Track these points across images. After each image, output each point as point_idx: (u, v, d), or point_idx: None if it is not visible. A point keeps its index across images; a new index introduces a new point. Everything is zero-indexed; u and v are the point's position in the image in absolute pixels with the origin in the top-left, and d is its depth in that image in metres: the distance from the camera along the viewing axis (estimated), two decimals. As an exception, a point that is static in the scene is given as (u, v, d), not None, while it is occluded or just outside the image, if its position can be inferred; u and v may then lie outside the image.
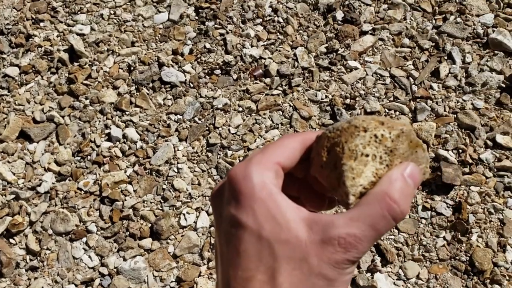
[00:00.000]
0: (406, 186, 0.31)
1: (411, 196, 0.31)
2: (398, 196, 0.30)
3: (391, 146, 0.33)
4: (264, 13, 1.34)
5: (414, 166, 0.33)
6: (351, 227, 0.30)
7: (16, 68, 1.32)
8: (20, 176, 1.18)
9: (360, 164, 0.33)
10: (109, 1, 1.41)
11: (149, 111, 1.23)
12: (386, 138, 0.33)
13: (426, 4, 1.34)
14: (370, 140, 0.33)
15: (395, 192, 0.31)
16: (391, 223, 0.30)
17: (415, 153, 0.34)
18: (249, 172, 0.33)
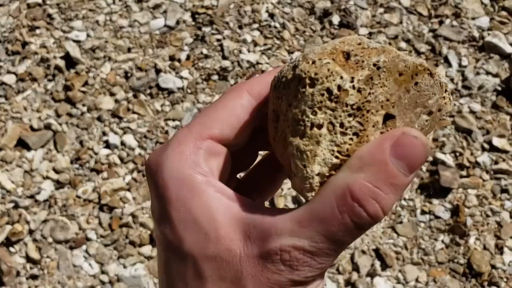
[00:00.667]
0: (386, 173, 0.21)
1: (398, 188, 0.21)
2: (365, 192, 0.21)
3: (358, 100, 0.23)
4: (260, 18, 1.37)
5: (405, 133, 0.22)
6: (298, 236, 0.21)
7: (13, 76, 1.34)
8: (19, 184, 1.20)
9: (311, 141, 0.23)
10: (105, 7, 1.43)
11: (147, 118, 1.25)
12: (346, 91, 0.23)
13: (422, 7, 1.37)
14: (321, 99, 0.23)
15: (360, 186, 0.21)
16: (357, 233, 0.22)
17: (414, 87, 0.24)
18: (163, 159, 0.24)
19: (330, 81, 0.23)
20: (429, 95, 0.24)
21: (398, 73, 0.23)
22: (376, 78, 0.23)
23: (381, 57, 0.23)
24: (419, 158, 0.22)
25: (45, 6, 1.45)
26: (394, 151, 0.21)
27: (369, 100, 0.23)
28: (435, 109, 0.25)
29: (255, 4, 1.40)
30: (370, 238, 1.09)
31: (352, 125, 0.23)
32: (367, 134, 0.23)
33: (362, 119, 0.23)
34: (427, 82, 0.24)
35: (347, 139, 0.23)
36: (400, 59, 0.23)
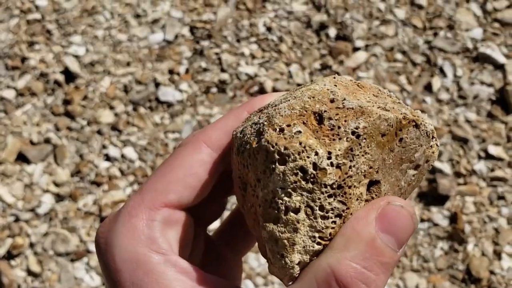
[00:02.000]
0: (374, 250, 0.19)
1: (388, 268, 0.19)
2: (352, 275, 0.19)
3: (339, 178, 0.20)
4: (258, 32, 1.44)
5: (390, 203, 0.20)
6: None
7: (12, 91, 1.40)
8: (19, 198, 1.25)
9: (287, 228, 0.21)
10: (104, 22, 1.49)
11: (147, 130, 1.31)
12: (324, 170, 0.20)
13: (416, 20, 1.45)
14: (295, 179, 0.20)
15: (346, 268, 0.19)
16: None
17: (399, 143, 0.22)
18: (113, 237, 0.22)
19: (303, 158, 0.20)
20: (415, 148, 0.22)
21: (380, 135, 0.21)
22: (356, 148, 0.21)
23: (360, 123, 0.21)
24: (407, 230, 0.20)
25: (44, 22, 1.52)
26: (380, 225, 0.19)
27: (350, 175, 0.21)
28: (422, 161, 0.23)
29: (252, 18, 1.47)
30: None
31: (334, 207, 0.20)
32: (351, 212, 0.21)
33: (344, 197, 0.21)
34: (413, 135, 0.22)
35: (330, 222, 0.20)
36: (381, 120, 0.21)
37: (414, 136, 0.22)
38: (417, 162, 0.23)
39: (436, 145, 0.24)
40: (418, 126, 0.22)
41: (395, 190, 0.23)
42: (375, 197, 0.22)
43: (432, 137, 0.24)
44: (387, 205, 0.20)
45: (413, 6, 1.47)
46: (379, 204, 0.20)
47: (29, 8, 1.55)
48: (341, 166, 0.20)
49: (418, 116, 0.23)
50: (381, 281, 0.19)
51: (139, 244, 0.21)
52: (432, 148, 0.24)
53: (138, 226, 0.21)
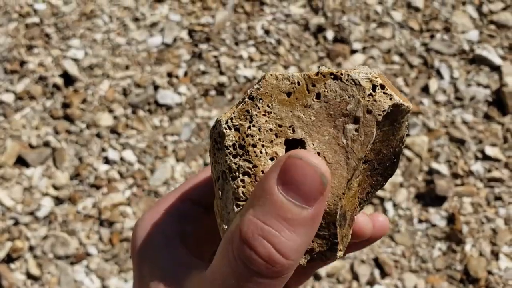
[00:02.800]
0: (273, 205, 0.18)
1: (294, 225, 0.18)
2: (252, 230, 0.18)
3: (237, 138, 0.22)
4: (256, 35, 1.44)
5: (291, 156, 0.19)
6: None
7: (11, 95, 1.40)
8: (18, 201, 1.25)
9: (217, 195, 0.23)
10: (102, 26, 1.50)
11: (146, 133, 1.31)
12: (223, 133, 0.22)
13: (413, 22, 1.45)
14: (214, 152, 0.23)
15: (247, 223, 0.18)
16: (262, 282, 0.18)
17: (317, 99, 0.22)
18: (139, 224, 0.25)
19: (214, 131, 0.22)
20: (344, 100, 0.22)
21: (284, 94, 0.22)
22: (252, 108, 0.21)
23: (254, 87, 0.22)
24: (310, 183, 0.18)
25: (42, 25, 1.52)
26: (280, 179, 0.18)
27: (250, 134, 0.21)
28: (360, 113, 0.22)
29: (250, 21, 1.48)
30: (369, 247, 1.14)
31: (239, 166, 0.21)
32: (262, 170, 0.21)
33: (248, 156, 0.21)
34: (334, 88, 0.22)
35: (239, 181, 0.21)
36: (279, 79, 0.22)
37: (337, 88, 0.22)
38: (354, 114, 0.22)
39: (384, 94, 0.22)
40: (338, 78, 0.22)
41: (334, 148, 0.22)
42: None
43: (374, 87, 0.22)
44: (287, 158, 0.19)
45: (410, 8, 1.48)
46: (281, 159, 0.20)
47: (27, 12, 1.55)
48: (239, 127, 0.22)
49: (340, 69, 0.23)
50: (289, 238, 0.18)
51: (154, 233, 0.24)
52: (374, 97, 0.22)
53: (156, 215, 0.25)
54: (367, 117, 0.22)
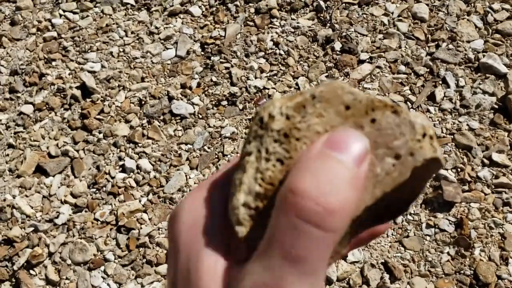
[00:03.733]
0: (328, 165, 0.19)
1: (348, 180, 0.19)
2: (308, 183, 0.19)
3: (285, 126, 0.22)
4: (266, 46, 1.48)
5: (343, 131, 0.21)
6: (257, 271, 0.19)
7: (30, 106, 1.44)
8: (38, 209, 1.28)
9: (241, 170, 0.23)
10: (118, 39, 1.54)
11: (161, 142, 1.34)
12: (273, 117, 0.23)
13: (419, 32, 1.48)
14: (255, 128, 0.23)
15: (301, 178, 0.19)
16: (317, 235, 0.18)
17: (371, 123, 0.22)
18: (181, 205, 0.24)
19: (265, 111, 0.23)
20: (394, 134, 0.22)
21: (343, 105, 0.22)
22: (309, 106, 0.22)
23: (319, 88, 0.22)
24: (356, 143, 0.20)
25: (60, 39, 1.56)
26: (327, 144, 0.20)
27: (298, 128, 0.22)
28: (404, 152, 0.22)
29: (260, 33, 1.51)
30: (378, 252, 1.16)
31: (277, 151, 0.22)
32: (295, 163, 0.21)
33: (289, 146, 0.22)
34: (390, 120, 0.22)
35: (270, 165, 0.22)
36: (345, 92, 0.22)
37: (392, 122, 0.22)
38: (397, 151, 0.22)
39: (430, 144, 0.23)
40: (397, 113, 0.23)
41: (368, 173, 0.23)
42: None
43: (424, 134, 0.23)
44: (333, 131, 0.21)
45: (415, 19, 1.51)
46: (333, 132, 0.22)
47: (45, 26, 1.60)
48: (290, 117, 0.22)
49: (401, 107, 0.23)
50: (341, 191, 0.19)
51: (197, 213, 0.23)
52: (421, 143, 0.22)
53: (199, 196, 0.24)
54: (408, 158, 0.22)
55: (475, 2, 1.52)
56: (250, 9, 1.56)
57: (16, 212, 1.26)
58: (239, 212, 0.22)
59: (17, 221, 1.25)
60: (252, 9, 1.56)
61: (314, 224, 0.18)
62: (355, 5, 1.55)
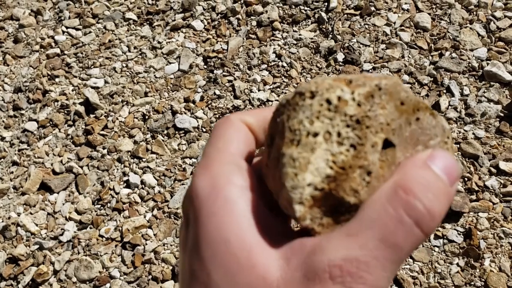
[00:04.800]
0: (434, 178, 0.21)
1: (445, 196, 0.21)
2: (418, 187, 0.21)
3: (358, 113, 0.22)
4: (268, 59, 1.48)
5: (444, 153, 0.23)
6: (349, 247, 0.20)
7: (34, 123, 1.45)
8: (42, 226, 1.28)
9: (306, 150, 0.22)
10: (121, 54, 1.55)
11: (165, 157, 1.34)
12: (345, 101, 0.22)
13: (421, 42, 1.48)
14: (320, 109, 0.23)
15: (413, 181, 0.21)
16: (415, 232, 0.20)
17: (416, 121, 0.24)
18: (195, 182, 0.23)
19: (330, 92, 0.22)
20: (431, 135, 0.24)
21: (399, 101, 0.23)
22: (377, 96, 0.23)
23: (382, 81, 0.23)
24: (454, 167, 0.22)
25: (63, 56, 1.58)
26: (430, 160, 0.22)
27: (368, 116, 0.22)
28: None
29: (262, 46, 1.52)
30: (387, 264, 1.15)
31: (350, 136, 0.22)
32: (365, 151, 0.22)
33: (361, 132, 0.22)
34: (429, 121, 0.24)
35: (344, 149, 0.22)
36: (402, 88, 0.23)
37: (431, 123, 0.24)
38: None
39: (451, 146, 0.25)
40: (434, 116, 0.25)
41: None
42: (389, 159, 0.23)
43: (448, 137, 0.25)
44: (432, 149, 0.23)
45: (418, 28, 1.51)
46: (425, 150, 0.24)
47: (48, 43, 1.61)
48: (361, 104, 0.23)
49: (435, 111, 0.25)
50: (441, 202, 0.21)
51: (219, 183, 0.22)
52: (447, 144, 0.25)
53: (214, 168, 0.23)
54: None
55: (477, 11, 1.52)
56: (252, 22, 1.57)
57: (20, 230, 1.26)
58: (304, 191, 0.22)
59: (22, 239, 1.25)
60: (254, 22, 1.57)
61: (416, 222, 0.20)
62: (357, 15, 1.55)
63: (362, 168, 0.22)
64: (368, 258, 0.20)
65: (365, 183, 0.22)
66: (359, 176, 0.22)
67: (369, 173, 0.23)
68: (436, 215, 0.21)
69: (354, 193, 0.22)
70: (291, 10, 1.58)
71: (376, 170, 0.23)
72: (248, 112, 0.27)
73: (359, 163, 0.22)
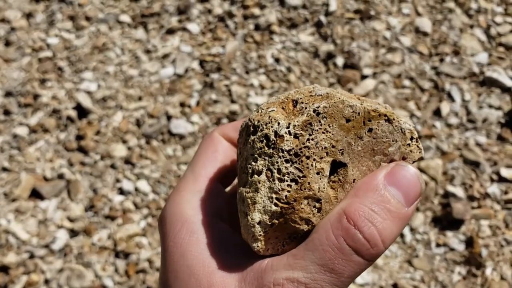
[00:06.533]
0: (381, 197, 0.22)
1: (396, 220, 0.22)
2: (360, 213, 0.21)
3: (295, 146, 0.23)
4: (266, 63, 1.49)
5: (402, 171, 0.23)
6: (292, 268, 0.22)
7: (25, 128, 1.45)
8: (33, 234, 1.28)
9: (251, 189, 0.24)
10: (115, 58, 1.56)
11: (160, 163, 1.34)
12: (281, 137, 0.23)
13: (422, 46, 1.50)
14: (261, 145, 0.24)
15: (356, 208, 0.22)
16: (355, 260, 0.22)
17: (368, 132, 0.24)
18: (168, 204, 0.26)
19: (268, 128, 0.23)
20: (388, 142, 0.24)
21: (344, 119, 0.24)
22: (315, 123, 0.23)
23: (322, 103, 0.23)
24: (413, 187, 0.22)
25: (55, 59, 1.58)
26: (388, 179, 0.22)
27: (308, 146, 0.23)
28: (397, 157, 0.25)
29: (260, 50, 1.53)
30: (387, 273, 1.16)
31: (290, 171, 0.23)
32: (309, 181, 0.23)
33: (301, 165, 0.23)
34: (385, 128, 0.24)
35: (285, 185, 0.23)
36: (345, 105, 0.24)
37: (387, 130, 0.24)
38: (392, 157, 0.25)
39: (416, 146, 0.25)
40: (390, 121, 0.25)
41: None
42: (342, 179, 0.24)
43: (411, 138, 0.25)
44: (396, 165, 0.23)
45: (418, 33, 1.53)
46: (389, 165, 0.24)
47: (40, 46, 1.62)
48: (299, 136, 0.23)
49: (393, 113, 0.25)
50: (388, 226, 0.22)
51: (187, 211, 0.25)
52: (411, 147, 0.25)
53: (185, 195, 0.26)
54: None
55: (478, 16, 1.54)
56: (250, 26, 1.58)
57: (11, 237, 1.26)
58: (255, 230, 0.23)
59: (12, 247, 1.25)
60: (251, 26, 1.58)
61: (356, 251, 0.21)
62: (357, 19, 1.57)
63: (309, 198, 0.23)
64: (308, 280, 0.21)
65: (316, 210, 0.23)
66: (308, 205, 0.23)
67: (318, 200, 0.23)
68: (377, 243, 0.21)
69: (306, 221, 0.23)
70: (289, 13, 1.60)
71: (326, 195, 0.23)
72: (232, 125, 0.29)
73: (304, 194, 0.23)
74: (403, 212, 0.22)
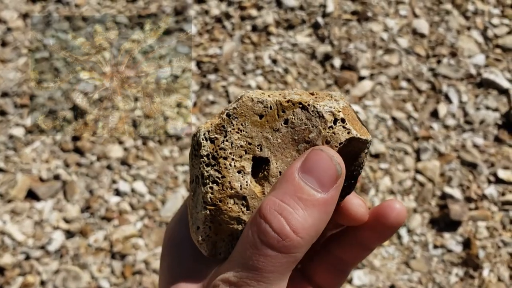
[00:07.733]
0: (292, 186, 0.22)
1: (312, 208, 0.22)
2: (270, 207, 0.22)
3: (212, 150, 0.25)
4: (263, 64, 1.50)
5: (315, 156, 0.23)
6: (227, 270, 0.23)
7: (21, 128, 1.45)
8: (29, 235, 1.28)
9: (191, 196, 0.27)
10: (111, 59, 1.56)
11: (156, 164, 1.35)
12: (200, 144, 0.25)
13: (419, 48, 1.51)
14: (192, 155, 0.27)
15: (267, 202, 0.22)
16: (271, 254, 0.22)
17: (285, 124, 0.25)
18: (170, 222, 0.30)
19: (194, 139, 0.25)
20: (307, 129, 0.24)
21: (256, 115, 0.24)
22: (228, 125, 0.24)
23: (231, 106, 0.24)
24: (327, 170, 0.22)
25: (52, 59, 1.58)
26: (302, 168, 0.22)
27: (223, 148, 0.24)
28: (320, 142, 0.25)
29: (257, 51, 1.54)
30: (385, 275, 1.16)
31: (210, 174, 0.24)
32: (229, 181, 0.24)
33: (218, 167, 0.24)
34: (301, 116, 0.25)
35: (208, 188, 0.24)
36: (255, 102, 0.25)
37: (304, 117, 0.25)
38: (314, 142, 0.25)
39: (343, 128, 0.25)
40: (305, 108, 0.25)
41: None
42: (266, 174, 0.25)
43: (335, 120, 0.25)
44: (310, 151, 0.23)
45: (415, 35, 1.54)
46: (305, 152, 0.23)
47: (37, 46, 1.62)
48: (214, 140, 0.25)
49: (309, 99, 0.25)
50: (300, 215, 0.21)
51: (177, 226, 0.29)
52: (334, 129, 0.25)
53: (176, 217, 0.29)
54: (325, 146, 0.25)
55: (475, 17, 1.56)
56: (247, 27, 1.59)
57: (7, 238, 1.26)
58: (198, 236, 0.25)
59: (8, 248, 1.25)
60: (248, 27, 1.59)
61: (269, 246, 0.21)
62: (354, 21, 1.58)
63: (234, 197, 0.24)
64: (236, 279, 0.22)
65: (244, 208, 0.24)
66: (234, 204, 0.24)
67: (244, 198, 0.24)
68: (288, 234, 0.21)
69: (237, 220, 0.24)
70: (286, 14, 1.61)
71: (251, 192, 0.24)
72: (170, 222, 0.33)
73: (227, 193, 0.24)
74: (317, 198, 0.22)
